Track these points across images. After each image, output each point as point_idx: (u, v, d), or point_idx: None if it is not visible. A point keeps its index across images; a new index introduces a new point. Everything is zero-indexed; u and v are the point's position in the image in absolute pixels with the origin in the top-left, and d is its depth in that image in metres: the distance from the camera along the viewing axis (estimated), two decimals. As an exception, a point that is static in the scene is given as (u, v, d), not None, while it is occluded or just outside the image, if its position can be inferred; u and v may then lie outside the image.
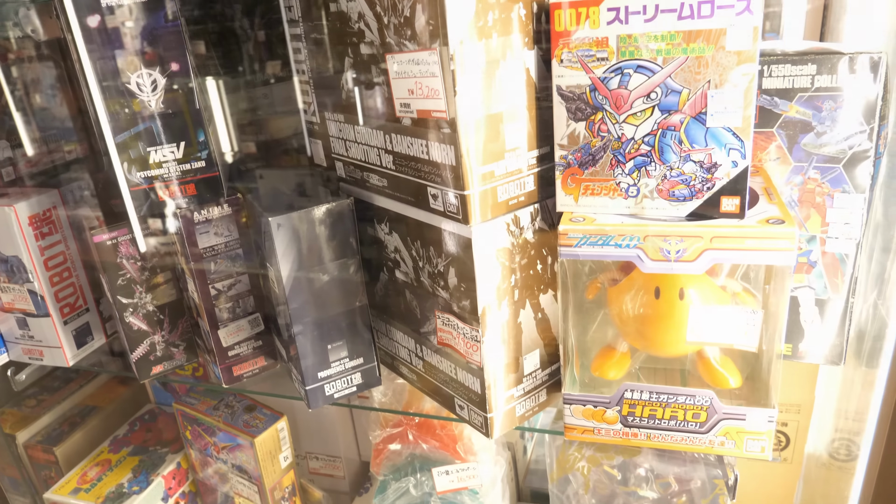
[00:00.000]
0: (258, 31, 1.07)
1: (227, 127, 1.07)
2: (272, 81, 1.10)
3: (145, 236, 0.90)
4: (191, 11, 1.00)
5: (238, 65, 1.08)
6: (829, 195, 0.76)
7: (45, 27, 1.07)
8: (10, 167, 1.07)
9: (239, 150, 1.12)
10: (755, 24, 0.58)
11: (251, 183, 1.11)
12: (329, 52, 0.77)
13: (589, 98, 0.65)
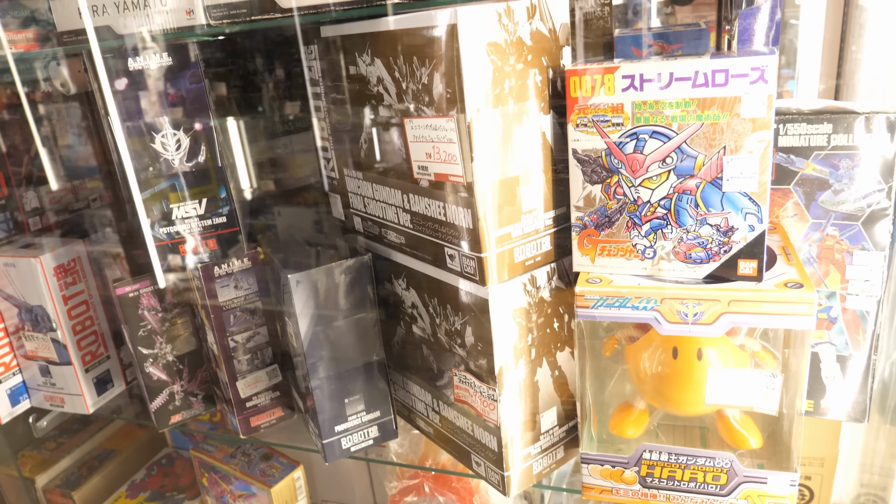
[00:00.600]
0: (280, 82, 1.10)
1: (247, 166, 1.09)
2: (292, 130, 1.12)
3: (166, 289, 0.91)
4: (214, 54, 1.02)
5: (259, 106, 1.10)
6: (848, 252, 0.75)
7: (73, 80, 1.10)
8: (38, 217, 1.10)
9: (258, 186, 1.14)
10: (769, 93, 0.59)
11: (270, 219, 1.13)
12: (348, 112, 0.79)
13: (605, 162, 0.66)
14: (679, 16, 1.04)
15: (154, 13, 0.78)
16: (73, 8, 0.83)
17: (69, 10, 0.83)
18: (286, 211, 1.11)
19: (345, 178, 0.85)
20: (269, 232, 1.10)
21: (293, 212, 1.11)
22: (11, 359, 1.06)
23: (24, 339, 1.04)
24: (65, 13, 0.84)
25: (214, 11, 0.75)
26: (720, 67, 0.59)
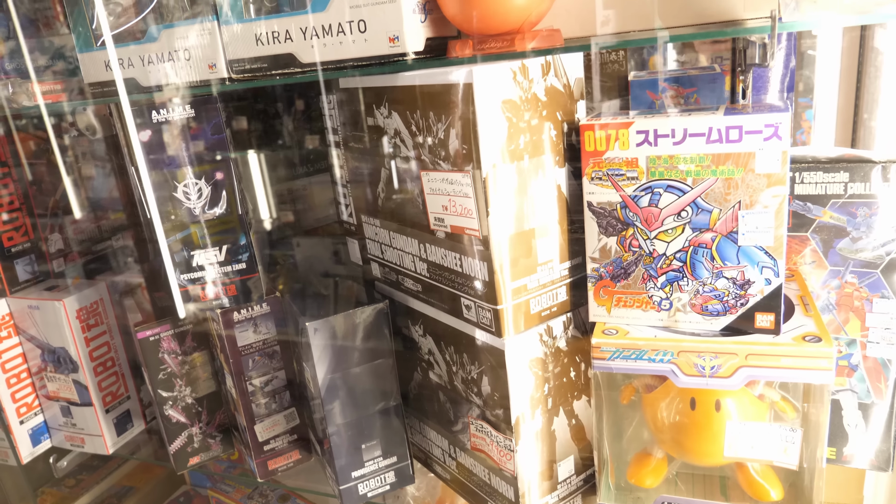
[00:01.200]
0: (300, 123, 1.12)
1: (268, 200, 1.11)
2: (311, 172, 1.14)
3: (186, 332, 0.92)
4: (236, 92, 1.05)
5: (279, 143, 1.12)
6: (867, 300, 0.75)
7: (98, 124, 1.13)
8: (62, 258, 1.12)
9: (277, 217, 1.16)
10: (784, 149, 0.59)
11: (288, 250, 1.15)
12: (366, 161, 0.80)
13: (620, 214, 0.66)
14: (694, 59, 1.04)
15: (178, 66, 0.80)
16: (101, 61, 0.85)
17: (96, 62, 0.86)
18: (305, 246, 1.13)
19: (362, 223, 0.86)
20: (288, 267, 1.11)
21: (312, 250, 1.13)
22: (34, 399, 1.08)
23: (47, 379, 1.05)
24: (92, 65, 0.87)
25: (236, 65, 0.77)
26: (734, 124, 0.60)
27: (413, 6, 0.68)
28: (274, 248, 1.15)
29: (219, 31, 0.76)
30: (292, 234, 1.14)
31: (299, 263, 1.15)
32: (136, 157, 0.80)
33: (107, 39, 0.81)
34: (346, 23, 0.69)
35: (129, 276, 1.08)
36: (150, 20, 0.80)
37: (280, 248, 1.15)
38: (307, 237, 1.14)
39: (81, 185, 1.12)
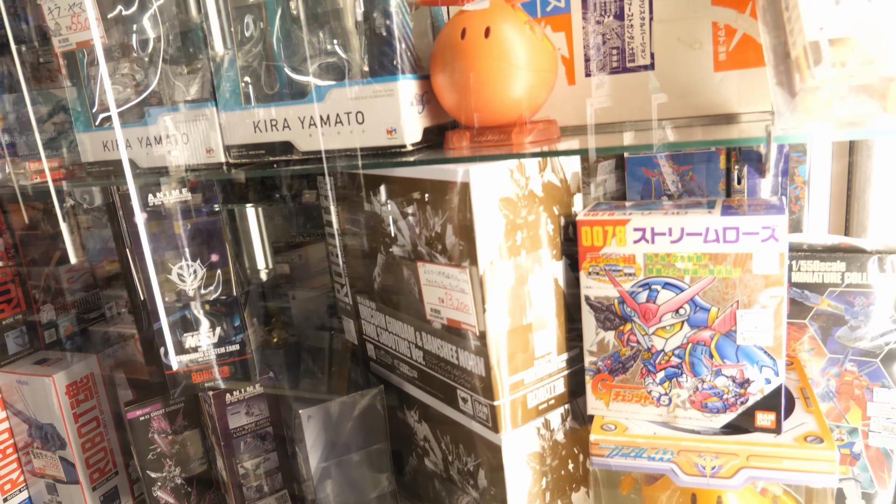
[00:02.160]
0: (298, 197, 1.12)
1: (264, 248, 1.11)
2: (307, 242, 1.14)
3: (177, 412, 0.91)
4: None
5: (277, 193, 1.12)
6: (867, 388, 0.74)
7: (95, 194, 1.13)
8: (53, 329, 1.11)
9: (273, 268, 1.15)
10: (781, 251, 0.59)
11: (284, 302, 1.14)
12: (363, 244, 0.80)
13: (617, 309, 0.66)
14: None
15: (175, 149, 0.80)
16: (99, 141, 0.86)
17: (95, 143, 0.86)
18: (301, 299, 1.12)
19: (358, 304, 0.86)
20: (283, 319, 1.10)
21: (308, 302, 1.12)
22: (19, 475, 1.05)
23: (33, 455, 1.03)
24: (90, 145, 0.87)
25: (234, 151, 0.77)
26: (731, 225, 0.60)
27: (411, 99, 0.68)
28: (269, 300, 1.14)
29: (217, 116, 0.77)
30: (288, 286, 1.13)
31: (295, 316, 1.14)
32: (131, 240, 0.79)
33: (116, 128, 0.81)
34: (344, 114, 0.69)
35: (122, 352, 1.07)
36: (149, 103, 0.81)
37: (276, 300, 1.14)
38: (303, 290, 1.13)
39: (77, 256, 1.11)
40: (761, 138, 0.53)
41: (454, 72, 0.65)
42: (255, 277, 1.15)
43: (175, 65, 0.78)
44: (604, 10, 0.73)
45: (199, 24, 0.75)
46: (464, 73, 0.65)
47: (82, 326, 1.14)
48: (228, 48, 0.74)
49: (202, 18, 0.74)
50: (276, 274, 1.16)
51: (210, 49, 0.75)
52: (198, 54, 0.76)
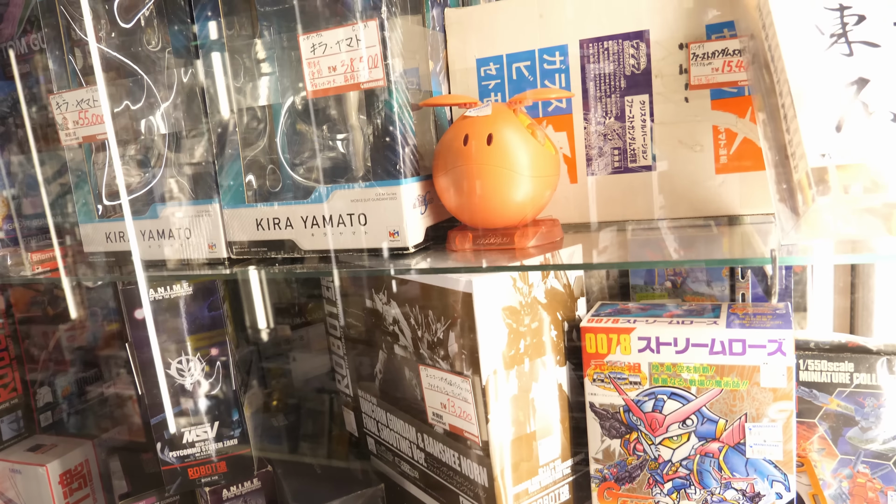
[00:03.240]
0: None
1: (265, 308, 1.10)
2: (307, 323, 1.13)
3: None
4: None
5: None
6: (881, 492, 0.72)
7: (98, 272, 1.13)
8: (49, 412, 1.09)
9: (274, 328, 1.14)
10: (789, 365, 0.58)
11: (284, 364, 1.12)
12: (364, 340, 0.79)
13: (623, 418, 0.65)
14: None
15: (177, 244, 0.80)
16: (102, 232, 0.86)
17: (98, 233, 0.86)
18: (301, 361, 1.10)
19: (359, 397, 0.85)
20: (283, 382, 1.08)
21: (308, 364, 1.10)
22: (8, 566, 1.02)
23: (24, 546, 1.00)
24: (94, 236, 0.87)
25: (237, 247, 0.77)
26: (737, 338, 0.59)
27: (413, 201, 0.68)
28: (269, 361, 1.13)
29: (220, 212, 0.77)
30: (288, 348, 1.12)
31: (294, 379, 1.12)
32: (131, 334, 0.79)
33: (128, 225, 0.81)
34: (346, 215, 0.70)
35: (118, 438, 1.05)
36: (153, 197, 0.81)
37: (275, 361, 1.13)
38: (303, 352, 1.12)
39: (74, 338, 1.10)
40: (766, 259, 0.53)
41: (457, 177, 0.66)
42: (256, 338, 1.13)
43: (179, 161, 0.79)
44: (605, 112, 0.74)
45: (203, 122, 0.76)
46: (467, 179, 0.65)
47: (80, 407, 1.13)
48: (233, 146, 0.74)
49: (207, 117, 0.75)
50: (277, 335, 1.15)
51: (214, 146, 0.75)
52: (202, 151, 0.77)
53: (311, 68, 0.68)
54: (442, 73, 0.79)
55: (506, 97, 0.78)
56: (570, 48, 0.74)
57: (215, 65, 0.74)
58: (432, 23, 0.77)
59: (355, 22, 0.65)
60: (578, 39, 0.74)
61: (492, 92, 0.79)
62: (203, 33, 0.73)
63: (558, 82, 0.75)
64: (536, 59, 0.76)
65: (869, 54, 0.51)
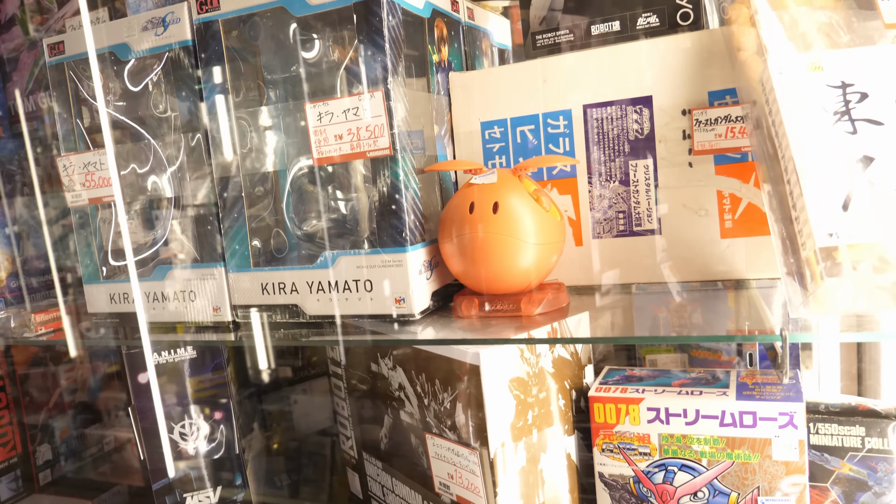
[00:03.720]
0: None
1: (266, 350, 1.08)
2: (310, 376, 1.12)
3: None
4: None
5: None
6: (895, 558, 0.70)
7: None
8: (48, 470, 1.08)
9: (275, 369, 1.12)
10: (800, 438, 0.57)
11: (285, 406, 1.10)
12: (369, 403, 0.79)
13: (633, 489, 0.64)
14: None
15: (182, 308, 0.80)
16: (105, 293, 0.86)
17: (101, 294, 0.86)
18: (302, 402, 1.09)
19: (364, 460, 0.83)
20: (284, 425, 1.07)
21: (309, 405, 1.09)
22: None
23: None
24: (97, 297, 0.86)
25: (241, 311, 0.77)
26: (747, 410, 0.58)
27: (419, 267, 0.68)
28: (270, 403, 1.11)
29: (225, 276, 0.77)
30: (289, 389, 1.11)
31: (295, 421, 1.11)
32: (133, 398, 0.78)
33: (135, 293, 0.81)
34: (352, 281, 0.70)
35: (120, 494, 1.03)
36: (159, 259, 0.81)
37: (276, 403, 1.11)
38: (304, 394, 1.11)
39: (75, 392, 1.09)
40: (776, 337, 0.53)
41: (463, 244, 0.66)
42: (257, 378, 1.12)
43: (185, 224, 0.79)
44: (609, 176, 0.74)
45: (209, 185, 0.76)
46: (473, 247, 0.65)
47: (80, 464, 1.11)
48: (239, 210, 0.75)
49: (213, 180, 0.76)
50: (278, 376, 1.14)
51: (220, 210, 0.75)
52: (208, 214, 0.77)
53: (318, 136, 0.69)
54: (447, 136, 0.80)
55: (510, 160, 0.78)
56: (574, 113, 0.75)
57: (222, 129, 0.75)
58: (437, 87, 0.78)
59: (361, 92, 0.66)
60: (582, 104, 0.74)
61: (496, 155, 0.79)
62: (210, 99, 0.74)
63: (562, 146, 0.76)
64: (540, 123, 0.76)
65: (873, 132, 0.51)
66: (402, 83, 0.67)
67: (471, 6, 0.88)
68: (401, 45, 0.67)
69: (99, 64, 0.81)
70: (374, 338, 0.67)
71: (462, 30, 0.84)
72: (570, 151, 0.75)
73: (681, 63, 0.70)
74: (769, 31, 0.58)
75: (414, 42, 0.75)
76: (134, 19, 0.77)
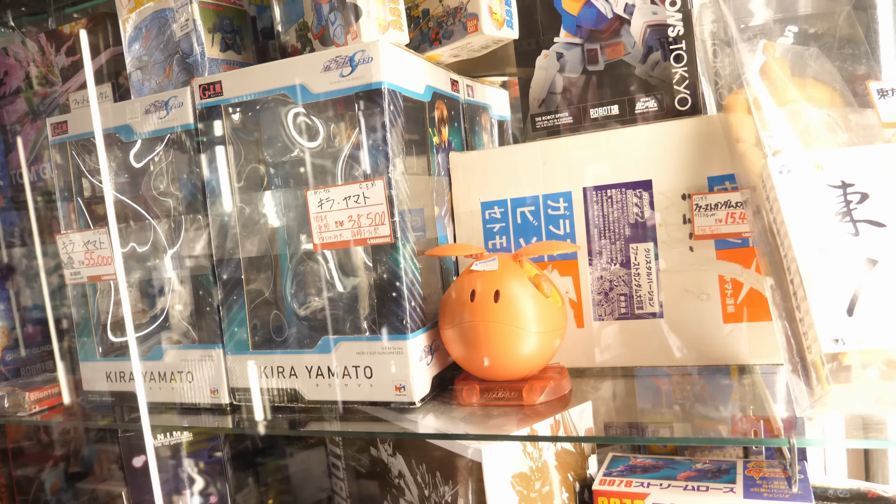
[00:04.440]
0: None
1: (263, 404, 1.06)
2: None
3: None
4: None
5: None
6: None
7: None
8: (38, 545, 1.05)
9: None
10: (811, 539, 0.56)
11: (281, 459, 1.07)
12: (370, 484, 0.77)
13: (640, 588, 0.62)
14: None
15: (178, 390, 0.79)
16: (102, 372, 0.85)
17: (98, 373, 0.85)
18: (299, 458, 1.06)
19: (362, 544, 0.82)
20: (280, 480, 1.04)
21: (307, 461, 1.06)
22: None
23: None
24: (93, 375, 0.85)
25: (239, 393, 0.76)
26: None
27: (420, 353, 0.68)
28: (267, 456, 1.09)
29: (224, 358, 0.76)
30: (286, 443, 1.08)
31: (292, 476, 1.08)
32: (129, 483, 0.76)
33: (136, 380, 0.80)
34: (352, 367, 0.69)
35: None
36: (157, 339, 0.80)
37: (273, 457, 1.09)
38: (302, 450, 1.08)
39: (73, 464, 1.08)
40: (783, 440, 0.52)
41: (464, 331, 0.65)
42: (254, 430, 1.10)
43: (184, 304, 0.79)
44: (610, 259, 0.74)
45: (209, 266, 0.76)
46: (474, 335, 0.65)
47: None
48: (238, 292, 0.74)
49: (213, 261, 0.75)
50: (275, 452, 1.11)
51: (220, 291, 0.75)
52: (207, 295, 0.76)
53: (318, 222, 0.69)
54: (447, 217, 0.80)
55: (510, 240, 0.78)
56: (574, 195, 0.75)
57: (223, 212, 0.75)
58: (437, 168, 0.78)
59: (363, 179, 0.66)
60: (582, 187, 0.75)
61: (497, 235, 0.79)
62: (211, 182, 0.74)
63: (563, 228, 0.76)
64: (541, 205, 0.76)
65: (875, 234, 0.51)
66: (404, 169, 0.67)
67: (470, 83, 0.89)
68: (402, 134, 0.68)
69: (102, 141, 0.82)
70: (374, 431, 0.66)
71: (462, 108, 0.85)
72: (571, 233, 0.75)
73: (680, 148, 0.71)
74: (768, 128, 0.59)
75: (415, 124, 0.75)
76: (137, 102, 0.78)
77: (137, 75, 0.87)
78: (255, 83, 0.71)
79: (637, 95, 0.77)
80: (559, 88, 0.80)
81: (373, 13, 0.67)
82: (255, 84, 0.71)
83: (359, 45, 0.66)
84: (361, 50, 0.65)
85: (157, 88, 0.84)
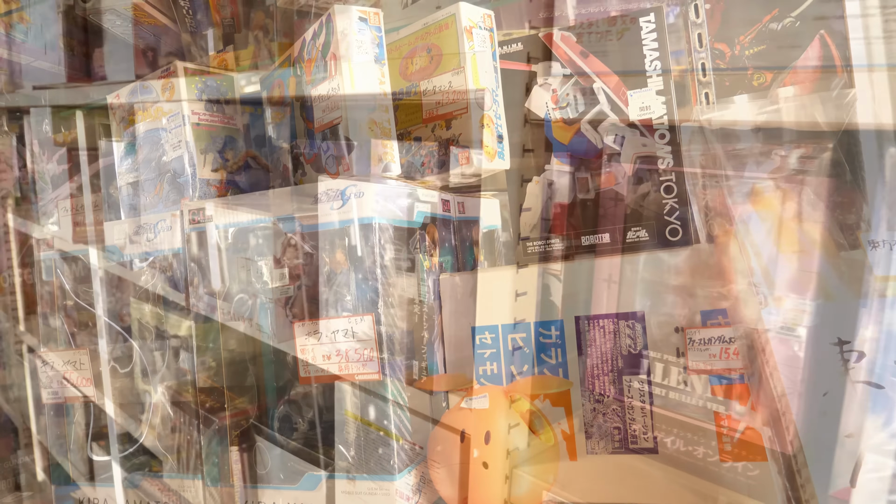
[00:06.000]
0: None
1: None
2: None
3: None
4: None
5: None
6: None
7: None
8: None
9: None
10: None
11: None
12: None
13: None
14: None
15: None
16: (74, 499, 0.81)
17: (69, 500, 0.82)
18: None
19: None
20: None
21: None
22: None
23: None
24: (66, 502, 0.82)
25: None
26: None
27: (407, 493, 0.65)
28: None
29: (202, 490, 0.73)
30: None
31: None
32: None
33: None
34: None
35: None
36: (135, 465, 0.77)
37: None
38: None
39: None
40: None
41: (453, 472, 0.63)
42: None
43: (164, 433, 0.76)
44: (603, 390, 0.72)
45: (190, 397, 0.73)
46: (464, 476, 0.63)
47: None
48: (220, 424, 0.72)
49: (195, 392, 0.73)
50: None
51: (201, 422, 0.73)
52: (188, 425, 0.74)
53: (304, 355, 0.67)
54: (437, 341, 0.79)
55: (501, 367, 0.77)
56: (566, 324, 0.74)
57: (208, 339, 0.73)
58: (427, 293, 0.77)
59: (351, 314, 0.65)
60: (574, 315, 0.74)
61: (487, 361, 0.77)
62: (196, 308, 0.73)
63: (554, 357, 0.74)
64: (532, 332, 0.75)
65: (874, 396, 0.50)
66: (394, 301, 0.66)
67: (461, 200, 0.89)
68: (392, 266, 0.67)
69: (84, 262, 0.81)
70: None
71: (453, 226, 0.85)
72: (563, 362, 0.74)
73: (672, 280, 0.70)
74: (760, 277, 0.58)
75: (406, 250, 0.75)
76: (126, 223, 0.77)
77: (128, 189, 0.87)
78: (243, 213, 0.70)
79: (628, 225, 0.77)
80: (550, 215, 0.81)
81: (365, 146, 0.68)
82: (243, 214, 0.70)
83: (350, 179, 0.66)
84: (353, 184, 0.65)
85: (148, 205, 0.84)
